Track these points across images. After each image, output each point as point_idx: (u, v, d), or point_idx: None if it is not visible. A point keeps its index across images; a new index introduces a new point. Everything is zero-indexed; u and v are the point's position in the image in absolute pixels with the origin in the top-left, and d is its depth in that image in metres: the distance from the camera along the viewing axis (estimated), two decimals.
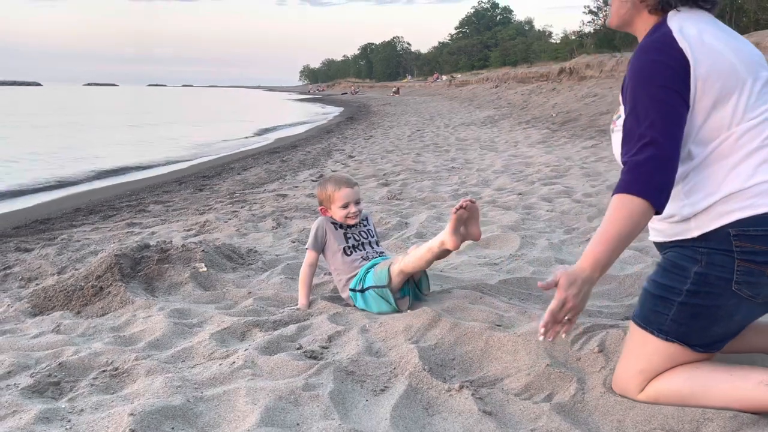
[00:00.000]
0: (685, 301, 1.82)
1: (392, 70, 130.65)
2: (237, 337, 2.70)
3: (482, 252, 3.95)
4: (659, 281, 1.90)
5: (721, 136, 1.79)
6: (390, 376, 2.23)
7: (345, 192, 3.02)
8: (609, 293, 3.07)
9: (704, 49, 1.79)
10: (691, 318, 1.83)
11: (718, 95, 1.78)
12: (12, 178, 11.25)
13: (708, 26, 1.87)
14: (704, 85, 1.77)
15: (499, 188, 6.51)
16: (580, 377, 2.13)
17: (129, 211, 7.29)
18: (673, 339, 1.86)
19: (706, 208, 1.79)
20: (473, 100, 29.82)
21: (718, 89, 1.77)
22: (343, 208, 3.03)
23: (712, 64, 1.77)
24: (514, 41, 67.49)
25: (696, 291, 1.81)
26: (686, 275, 1.82)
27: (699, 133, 1.81)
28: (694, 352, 1.87)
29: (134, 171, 12.54)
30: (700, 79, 1.77)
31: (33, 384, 2.31)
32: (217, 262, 3.70)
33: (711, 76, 1.77)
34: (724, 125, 1.79)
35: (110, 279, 3.36)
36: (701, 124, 1.81)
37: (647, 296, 1.93)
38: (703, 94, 1.78)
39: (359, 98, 58.32)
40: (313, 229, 3.09)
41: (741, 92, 1.78)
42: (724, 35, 1.87)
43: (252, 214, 5.69)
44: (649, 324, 1.90)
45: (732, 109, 1.78)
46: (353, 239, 3.05)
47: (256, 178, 9.63)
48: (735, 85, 1.78)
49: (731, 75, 1.78)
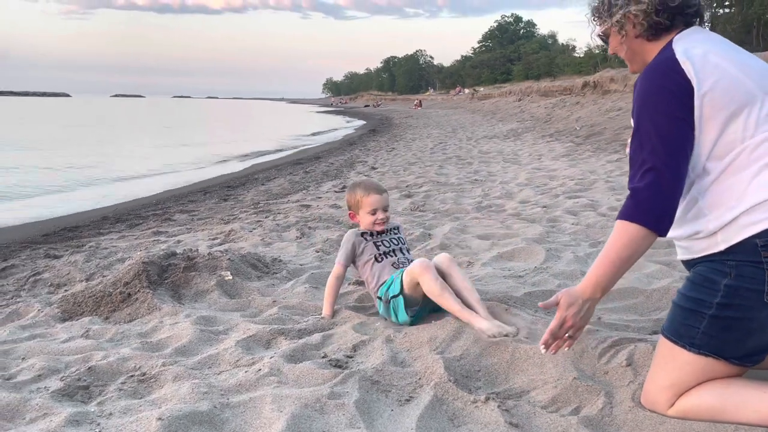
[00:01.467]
0: (716, 314, 1.80)
1: (414, 83, 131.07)
2: (262, 344, 2.72)
3: (507, 264, 3.93)
4: (689, 295, 1.88)
5: (736, 149, 1.80)
6: (415, 387, 2.23)
7: (374, 198, 3.03)
8: (636, 307, 3.03)
9: (709, 67, 1.81)
10: (723, 330, 1.80)
11: (729, 111, 1.79)
12: (36, 187, 11.49)
13: (714, 46, 1.89)
14: (712, 103, 1.78)
15: (523, 201, 6.48)
16: (608, 391, 2.11)
17: (155, 220, 7.39)
18: (705, 352, 1.83)
19: (730, 220, 1.78)
20: (496, 114, 29.77)
21: (728, 105, 1.78)
22: (371, 214, 3.03)
23: (718, 81, 1.79)
24: (537, 55, 67.35)
25: (727, 304, 1.78)
26: (716, 288, 1.80)
27: (714, 150, 1.82)
28: (728, 365, 1.83)
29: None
30: (707, 98, 1.78)
31: (63, 387, 2.34)
32: (243, 270, 3.73)
33: (718, 94, 1.78)
34: (737, 139, 1.79)
35: (138, 286, 3.41)
36: (715, 140, 1.81)
37: (677, 310, 1.91)
38: (712, 112, 1.79)
39: (381, 111, 58.56)
40: (342, 243, 3.10)
41: (752, 107, 1.79)
42: (732, 53, 1.89)
43: (276, 223, 5.73)
44: (679, 338, 1.88)
45: (743, 124, 1.79)
46: (384, 246, 3.06)
47: (279, 188, 9.71)
48: (746, 100, 1.79)
49: (740, 91, 1.79)
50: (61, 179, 12.51)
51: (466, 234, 4.87)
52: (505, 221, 5.36)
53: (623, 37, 2.02)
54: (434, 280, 2.69)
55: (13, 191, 10.92)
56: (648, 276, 3.41)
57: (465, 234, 4.87)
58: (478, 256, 4.16)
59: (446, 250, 4.32)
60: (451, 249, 4.37)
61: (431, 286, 2.68)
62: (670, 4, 1.94)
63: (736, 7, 36.48)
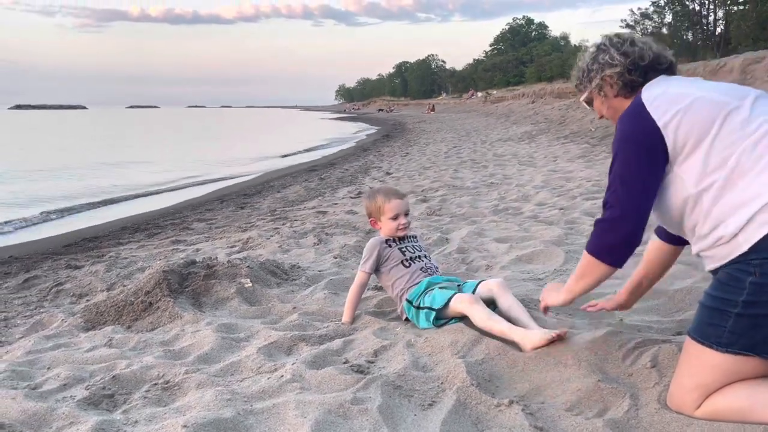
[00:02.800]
0: (742, 313, 1.79)
1: (427, 88, 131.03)
2: (284, 351, 2.73)
3: (526, 267, 3.91)
4: (715, 294, 1.87)
5: (735, 154, 1.84)
6: (438, 391, 2.22)
7: (395, 204, 3.03)
8: (659, 308, 3.00)
9: (670, 98, 1.95)
10: (752, 328, 1.78)
11: (707, 125, 1.88)
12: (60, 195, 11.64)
13: (678, 82, 2.05)
14: (687, 128, 1.89)
15: (540, 203, 6.45)
16: (633, 393, 2.08)
17: (173, 229, 7.46)
18: (734, 351, 1.81)
19: (748, 220, 1.79)
20: (510, 116, 29.69)
21: (702, 122, 1.88)
22: (393, 219, 3.03)
23: (684, 107, 1.91)
24: (550, 57, 67.01)
25: (753, 301, 1.77)
26: (742, 286, 1.79)
27: (710, 161, 1.87)
28: (759, 362, 1.81)
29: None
30: (681, 128, 1.89)
31: (88, 396, 2.37)
32: (262, 277, 3.75)
33: (688, 116, 1.90)
34: (732, 143, 1.85)
35: (159, 294, 3.44)
36: (707, 153, 1.87)
37: (703, 310, 1.90)
38: (688, 136, 1.89)
39: (394, 116, 58.63)
40: (366, 250, 3.08)
41: (731, 114, 1.87)
42: (695, 83, 2.04)
43: (293, 230, 5.76)
44: (706, 338, 1.86)
45: (730, 130, 1.86)
46: (409, 252, 3.06)
47: (295, 195, 9.75)
48: (719, 111, 1.88)
49: (710, 105, 1.90)
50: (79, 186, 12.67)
51: (484, 237, 4.86)
52: (522, 224, 5.34)
53: (604, 98, 2.20)
54: (482, 311, 2.65)
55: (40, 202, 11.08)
56: (670, 276, 3.36)
57: (482, 237, 4.86)
58: (497, 259, 4.14)
59: (464, 254, 4.31)
60: (469, 253, 4.36)
61: (479, 317, 2.63)
62: (641, 63, 2.10)
63: (751, 3, 36.08)
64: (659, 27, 46.31)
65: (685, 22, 43.24)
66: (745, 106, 1.89)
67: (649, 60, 2.10)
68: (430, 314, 2.79)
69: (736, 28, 35.09)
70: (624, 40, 2.16)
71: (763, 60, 15.32)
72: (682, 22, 43.51)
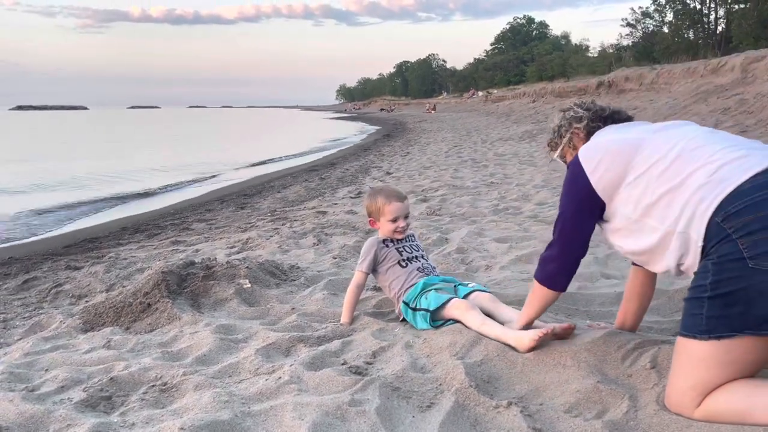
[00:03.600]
0: (712, 295, 1.83)
1: (428, 87, 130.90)
2: (282, 352, 2.72)
3: (525, 267, 3.90)
4: (690, 287, 1.95)
5: (656, 174, 2.06)
6: (436, 392, 2.21)
7: (396, 206, 3.02)
8: (658, 308, 2.99)
9: (598, 148, 2.23)
10: (725, 307, 1.81)
11: (624, 164, 2.14)
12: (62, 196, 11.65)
13: (610, 130, 2.36)
14: (612, 173, 2.15)
15: (540, 203, 6.44)
16: (632, 394, 2.08)
17: (173, 230, 7.45)
18: (716, 335, 1.82)
19: (690, 216, 1.93)
20: (510, 116, 29.66)
21: (623, 161, 2.14)
22: (392, 221, 3.03)
23: (605, 151, 2.19)
24: (551, 56, 66.90)
25: (718, 280, 1.83)
26: (706, 269, 1.87)
27: (643, 196, 2.07)
28: (747, 340, 1.80)
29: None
30: (606, 174, 2.16)
31: (86, 398, 2.36)
32: (261, 278, 3.74)
33: (610, 162, 2.16)
34: (654, 171, 2.07)
35: (158, 295, 3.43)
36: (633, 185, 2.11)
37: (684, 304, 1.96)
38: (615, 176, 2.15)
39: (395, 116, 58.62)
40: (364, 250, 3.08)
41: (642, 147, 2.14)
42: (623, 128, 2.34)
43: (293, 231, 5.75)
44: (689, 329, 1.90)
45: (646, 161, 2.10)
46: (406, 252, 3.06)
47: (295, 195, 9.75)
48: (633, 146, 2.15)
49: (625, 145, 2.18)
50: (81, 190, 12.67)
51: (484, 237, 4.85)
52: (522, 224, 5.33)
53: (573, 151, 2.45)
54: (476, 317, 2.65)
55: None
56: (670, 277, 3.36)
57: (482, 237, 4.85)
58: (496, 259, 4.13)
59: (463, 254, 4.30)
60: (469, 253, 4.35)
61: (473, 323, 2.64)
62: (601, 114, 2.45)
63: (752, 2, 36.00)
64: (660, 25, 46.29)
65: (686, 21, 43.12)
66: (658, 135, 2.16)
67: (609, 112, 2.45)
68: (426, 315, 2.79)
69: (738, 26, 35.00)
70: (586, 101, 2.55)
71: (764, 59, 15.29)
72: (683, 20, 43.40)
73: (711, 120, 12.31)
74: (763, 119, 10.74)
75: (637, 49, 45.13)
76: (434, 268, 3.11)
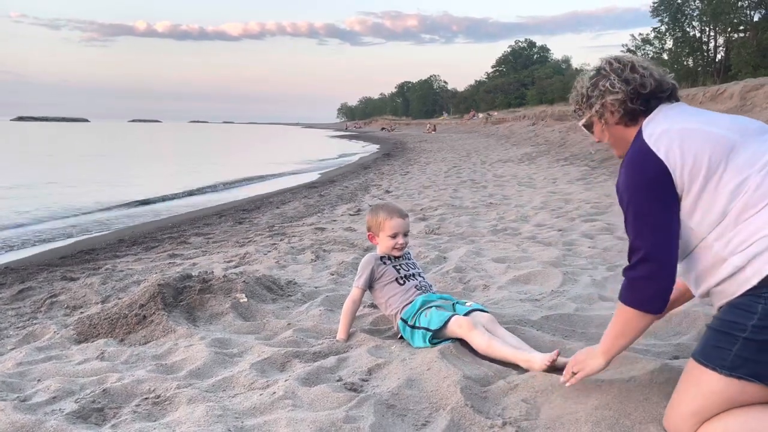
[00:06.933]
0: (750, 337, 1.75)
1: (428, 108, 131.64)
2: (277, 367, 2.70)
3: (523, 288, 3.89)
4: (724, 318, 1.84)
5: (742, 191, 1.83)
6: (431, 411, 2.20)
7: (396, 222, 3.02)
8: (656, 331, 2.98)
9: (677, 138, 1.91)
10: (758, 352, 1.75)
11: (712, 165, 1.86)
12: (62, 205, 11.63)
13: (678, 115, 2.01)
14: (694, 168, 1.87)
15: (539, 224, 6.45)
16: (627, 415, 2.05)
17: (170, 243, 7.43)
18: (737, 375, 1.78)
19: (756, 254, 1.78)
20: (510, 138, 29.79)
21: (709, 160, 1.86)
22: (391, 237, 3.02)
23: (689, 146, 1.89)
24: (551, 80, 67.40)
25: (763, 326, 1.74)
26: (753, 311, 1.76)
27: (717, 199, 1.86)
28: (762, 389, 1.78)
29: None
30: (686, 167, 1.88)
31: (78, 409, 2.34)
32: (258, 293, 3.72)
33: (694, 157, 1.87)
34: (737, 180, 1.84)
35: (153, 308, 3.41)
36: (714, 193, 1.86)
37: (710, 333, 1.87)
38: (694, 175, 1.87)
39: (395, 135, 58.85)
40: (361, 266, 3.07)
41: (734, 150, 1.86)
42: (695, 116, 2.01)
43: (291, 246, 5.74)
44: (710, 360, 1.83)
45: (736, 168, 1.85)
46: (404, 269, 3.06)
47: (294, 211, 9.75)
48: (726, 148, 1.87)
49: (716, 142, 1.88)
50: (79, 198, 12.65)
51: (482, 257, 4.84)
52: (520, 244, 5.32)
53: (604, 125, 2.15)
54: (481, 336, 2.64)
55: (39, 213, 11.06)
56: None
57: (480, 257, 4.84)
58: (494, 279, 4.12)
59: (461, 273, 4.29)
60: (467, 272, 4.34)
61: (480, 342, 2.63)
62: (642, 91, 2.05)
63: (751, 31, 36.40)
64: (660, 52, 46.67)
65: (686, 48, 43.57)
66: (748, 142, 1.88)
67: (651, 88, 2.06)
68: (427, 335, 2.77)
69: (737, 55, 35.33)
70: (624, 65, 2.10)
71: (762, 87, 15.41)
72: (682, 48, 43.84)
73: None
74: None
75: None
76: (431, 285, 3.11)
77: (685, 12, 43.45)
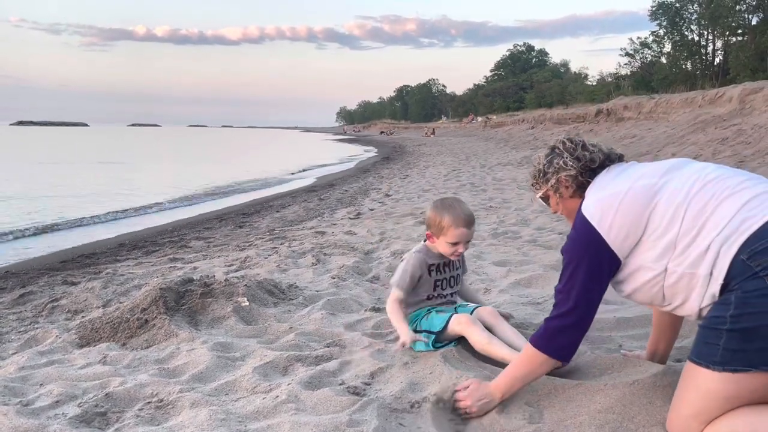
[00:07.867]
0: (731, 328, 1.80)
1: (427, 112, 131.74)
2: (279, 371, 2.70)
3: (524, 291, 3.90)
4: (709, 315, 1.90)
5: (678, 218, 1.96)
6: None
7: (461, 232, 2.76)
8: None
9: (607, 202, 2.07)
10: (744, 341, 1.78)
11: (639, 220, 2.01)
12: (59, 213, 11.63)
13: (612, 179, 2.18)
14: (625, 227, 2.02)
15: (539, 227, 6.45)
16: (631, 419, 2.06)
17: (171, 247, 7.43)
18: (731, 368, 1.79)
19: (714, 257, 1.87)
20: (509, 141, 29.83)
21: (635, 215, 2.02)
22: (452, 245, 2.80)
23: (620, 207, 2.04)
24: (550, 83, 67.48)
25: (740, 314, 1.79)
26: (728, 302, 1.84)
27: (664, 234, 1.97)
28: (759, 379, 1.78)
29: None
30: (620, 227, 2.03)
31: (80, 414, 2.34)
32: (259, 296, 3.73)
33: (624, 215, 2.03)
34: (677, 216, 1.96)
35: (155, 312, 3.41)
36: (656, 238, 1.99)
37: (700, 331, 1.92)
38: (629, 231, 2.03)
39: (394, 139, 58.91)
40: (408, 267, 2.85)
41: (661, 192, 2.02)
42: (625, 173, 2.17)
43: (292, 250, 5.74)
44: (702, 358, 1.86)
45: (666, 206, 1.99)
46: (439, 289, 2.91)
47: (294, 215, 9.75)
48: (652, 192, 2.03)
49: (644, 193, 2.04)
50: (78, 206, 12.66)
51: (483, 261, 4.85)
52: (521, 248, 5.33)
53: (559, 198, 2.34)
54: (481, 333, 2.63)
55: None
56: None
57: (481, 261, 4.85)
58: (495, 282, 4.13)
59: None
60: (468, 276, 4.34)
61: (479, 339, 2.62)
62: (592, 166, 2.26)
63: (749, 35, 36.49)
64: (658, 56, 46.80)
65: (684, 52, 43.65)
66: (673, 178, 2.04)
67: (599, 162, 2.26)
68: (430, 337, 2.76)
69: (735, 58, 35.41)
70: (576, 144, 2.31)
71: (761, 90, 15.46)
72: (681, 51, 43.93)
73: (709, 149, 12.40)
74: (761, 150, 10.81)
75: (636, 78, 45.56)
76: (455, 303, 3.00)
77: (684, 16, 43.57)
